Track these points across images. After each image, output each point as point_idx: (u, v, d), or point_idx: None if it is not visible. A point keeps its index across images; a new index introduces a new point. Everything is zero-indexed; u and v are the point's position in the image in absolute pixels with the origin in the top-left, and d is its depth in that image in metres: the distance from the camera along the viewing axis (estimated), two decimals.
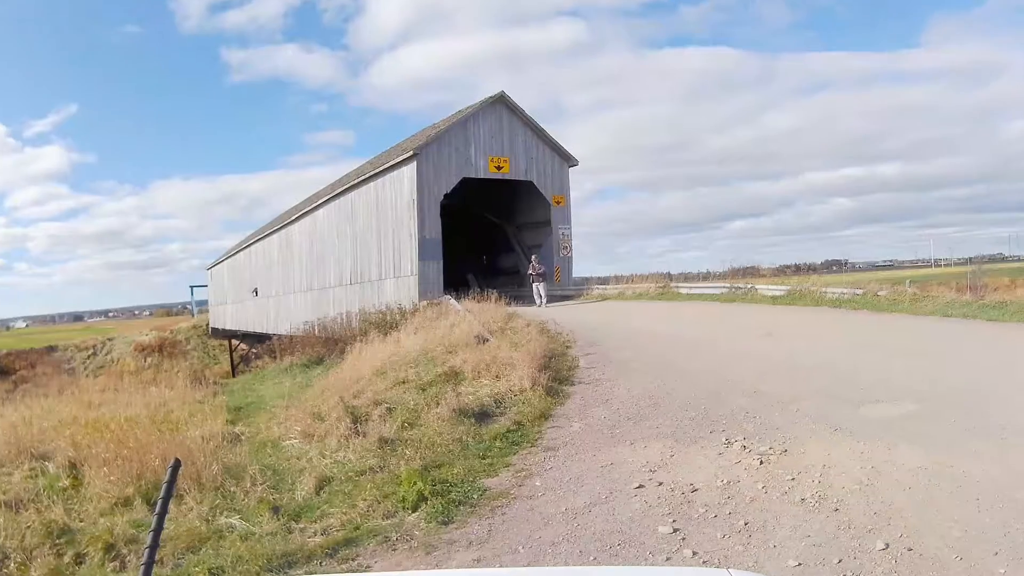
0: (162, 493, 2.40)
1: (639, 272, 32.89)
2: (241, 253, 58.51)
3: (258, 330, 50.90)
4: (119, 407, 20.60)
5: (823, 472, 7.84)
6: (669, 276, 35.32)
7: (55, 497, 10.90)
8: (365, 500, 8.74)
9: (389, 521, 8.11)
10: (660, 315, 23.41)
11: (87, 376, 49.14)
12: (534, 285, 30.10)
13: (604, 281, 34.60)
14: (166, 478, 2.42)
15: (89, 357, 64.18)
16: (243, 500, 9.83)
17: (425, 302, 28.42)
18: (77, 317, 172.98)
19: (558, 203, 34.99)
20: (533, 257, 31.81)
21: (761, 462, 8.32)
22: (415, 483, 8.68)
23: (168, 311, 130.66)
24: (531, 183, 34.36)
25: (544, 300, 29.51)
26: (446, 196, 31.85)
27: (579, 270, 40.32)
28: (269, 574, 7.02)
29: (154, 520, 2.40)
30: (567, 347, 17.36)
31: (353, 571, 6.80)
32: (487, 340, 17.94)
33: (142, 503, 9.98)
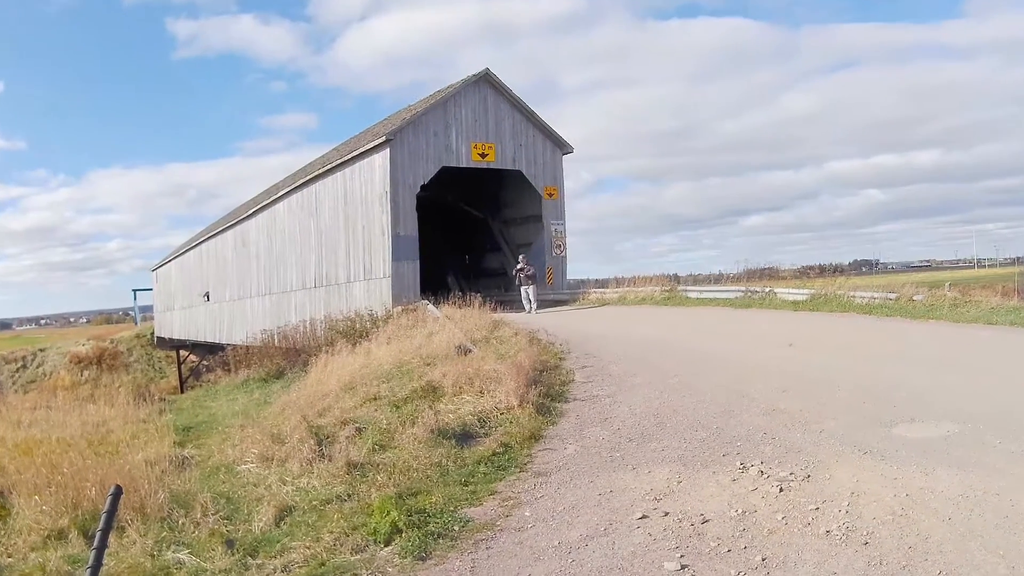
0: (101, 524, 2.38)
1: (642, 274, 32.86)
2: (191, 252, 58.44)
3: (210, 339, 50.85)
4: (52, 427, 20.54)
5: (851, 501, 7.81)
6: (676, 278, 35.50)
7: None
8: (331, 532, 8.69)
9: (359, 556, 8.06)
10: (666, 322, 23.43)
11: (15, 392, 48.93)
12: (522, 288, 30.17)
13: (603, 284, 34.76)
14: (105, 507, 2.40)
15: (18, 370, 63.80)
16: (193, 532, 9.77)
17: (400, 308, 28.48)
18: (4, 325, 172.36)
19: (550, 195, 35.11)
20: (522, 257, 31.81)
21: (781, 489, 8.30)
22: (388, 513, 8.64)
23: (108, 318, 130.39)
24: (520, 173, 34.46)
25: (534, 305, 29.57)
26: (423, 188, 31.89)
27: (574, 271, 40.51)
28: None
29: (92, 555, 2.38)
30: (560, 359, 17.38)
31: None
32: (470, 351, 17.98)
33: (78, 536, 9.89)
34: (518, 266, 30.93)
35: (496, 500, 9.28)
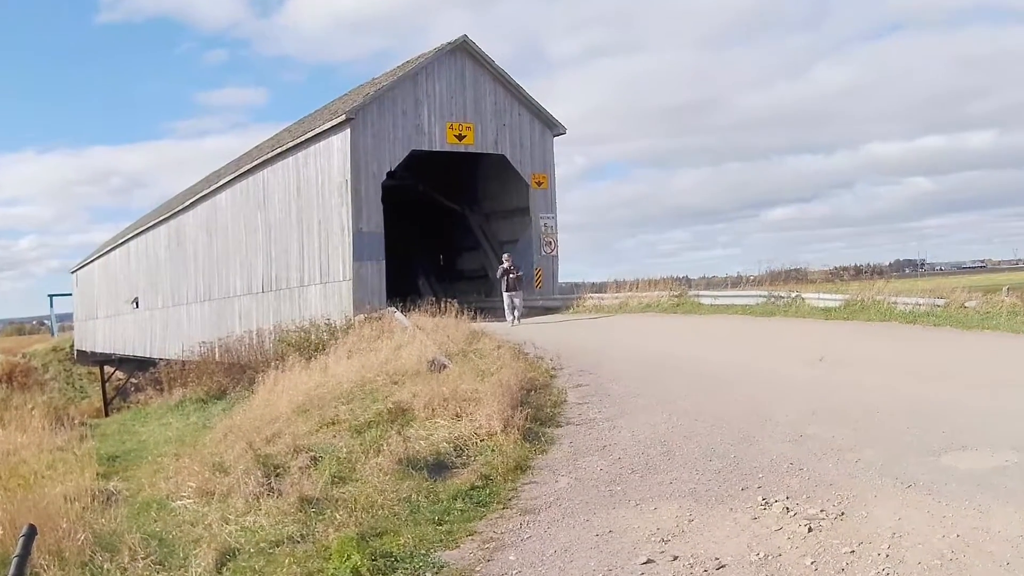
0: (11, 571, 2.35)
1: (647, 276, 32.72)
2: (116, 251, 58.34)
3: (139, 353, 50.71)
4: None
5: (892, 543, 7.79)
6: (687, 281, 35.46)
7: None
8: None
9: None
10: (675, 333, 23.52)
11: None
12: (506, 294, 30.17)
13: (600, 288, 34.85)
14: (16, 551, 2.38)
15: None
16: None
17: (362, 316, 28.49)
18: None
19: (539, 184, 35.23)
20: (506, 256, 31.83)
21: (810, 529, 8.28)
22: (348, 557, 8.59)
23: (19, 328, 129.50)
24: (503, 158, 34.56)
25: (518, 314, 29.61)
26: (390, 175, 32.00)
27: (566, 273, 40.56)
28: None
29: None
30: (551, 376, 17.46)
31: None
32: (444, 367, 18.09)
33: None
34: (503, 266, 30.92)
35: (475, 542, 9.23)
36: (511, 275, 30.35)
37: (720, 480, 10.12)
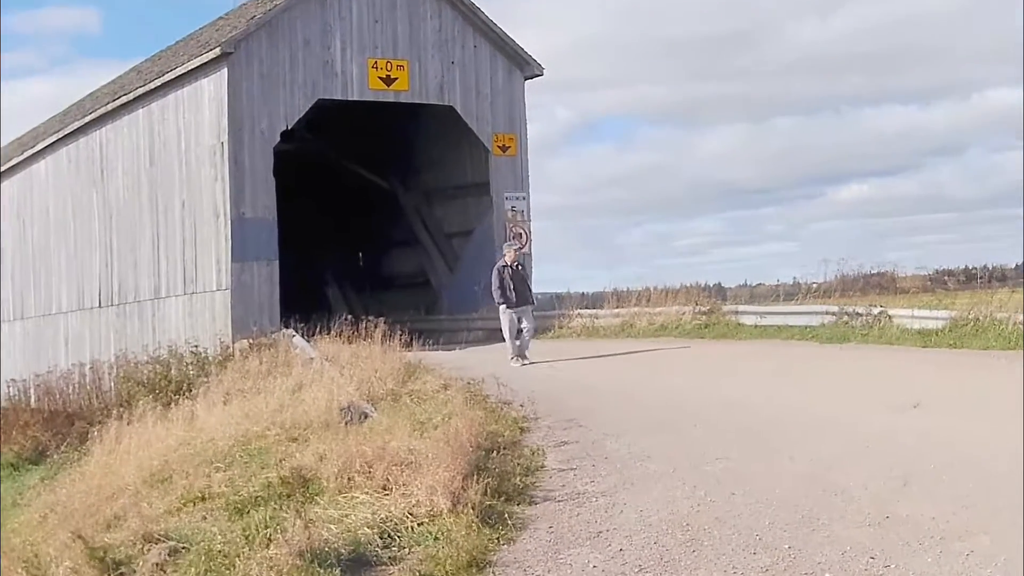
0: None
1: (661, 284, 32.79)
2: None
3: None
4: None
5: None
6: (720, 292, 35.87)
7: None
8: None
9: None
10: (701, 366, 23.61)
11: None
12: (506, 312, 27.27)
13: (594, 302, 35.45)
14: None
15: None
16: None
17: (246, 341, 28.33)
18: None
19: (504, 150, 35.42)
20: (507, 245, 29.42)
21: None
22: None
23: None
24: (451, 111, 34.73)
25: (526, 342, 27.48)
26: (287, 137, 32.30)
27: (545, 279, 40.63)
28: None
29: None
30: (522, 429, 17.39)
31: None
32: (366, 416, 18.12)
33: None
34: (500, 264, 27.89)
35: None
36: (509, 277, 27.32)
37: None
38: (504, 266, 27.60)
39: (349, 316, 28.06)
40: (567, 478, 14.48)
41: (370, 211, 41.78)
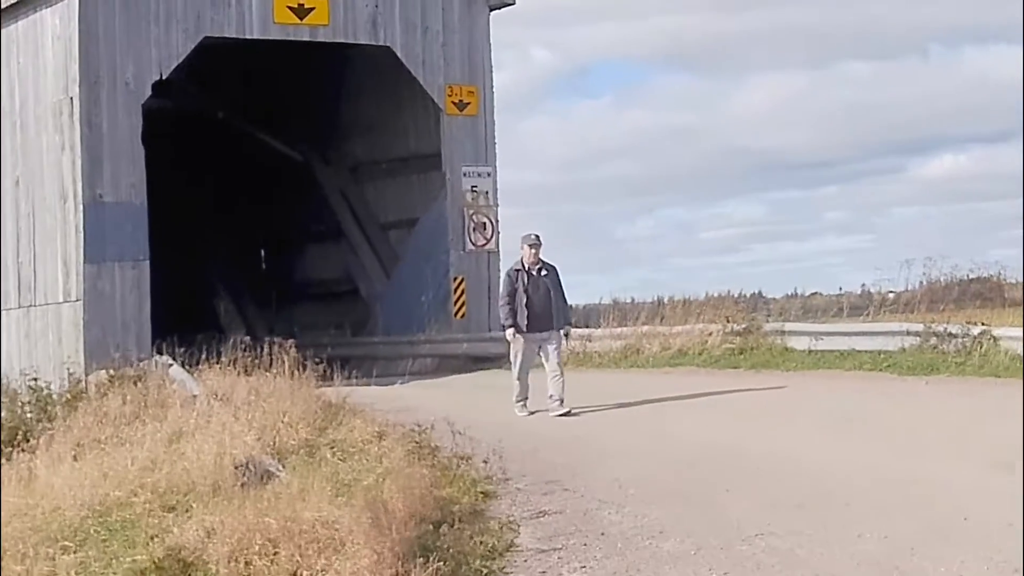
0: None
1: (679, 293, 32.54)
2: None
3: None
4: None
5: None
6: (761, 303, 35.64)
7: None
8: None
9: None
10: (735, 407, 21.82)
11: None
12: (516, 337, 21.71)
13: (587, 317, 34.32)
14: None
15: None
16: None
17: (105, 372, 26.50)
18: None
19: (461, 106, 33.06)
20: (524, 236, 22.85)
21: None
22: None
23: None
24: (388, 52, 32.40)
25: (559, 377, 21.63)
26: (160, 90, 29.84)
27: None
28: None
29: None
30: (485, 494, 15.15)
31: None
32: (271, 475, 16.51)
33: None
34: (513, 266, 22.28)
35: None
36: (524, 287, 21.51)
37: None
38: (518, 270, 21.85)
39: (247, 338, 25.82)
40: (546, 562, 12.05)
41: (276, 193, 39.06)
